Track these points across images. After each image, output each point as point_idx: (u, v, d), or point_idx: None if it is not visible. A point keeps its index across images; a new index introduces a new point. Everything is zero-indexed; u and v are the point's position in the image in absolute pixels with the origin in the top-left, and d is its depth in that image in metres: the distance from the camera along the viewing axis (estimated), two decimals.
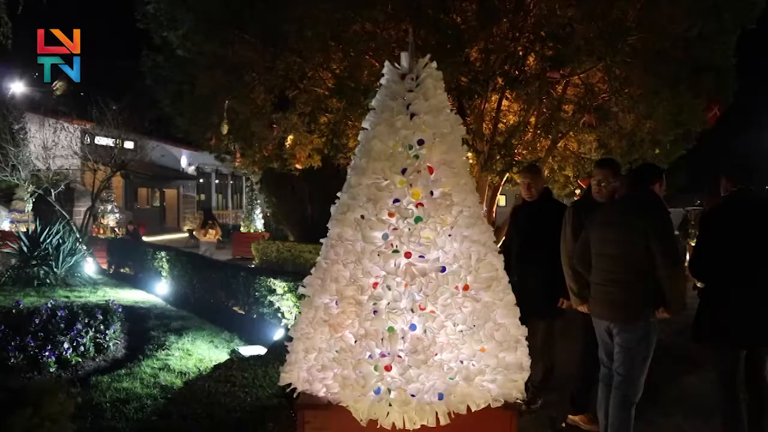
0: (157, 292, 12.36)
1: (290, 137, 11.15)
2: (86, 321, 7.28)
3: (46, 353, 6.53)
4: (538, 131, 10.15)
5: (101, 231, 19.71)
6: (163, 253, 13.19)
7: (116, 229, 20.13)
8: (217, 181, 39.25)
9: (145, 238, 20.16)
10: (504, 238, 5.37)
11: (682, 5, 8.50)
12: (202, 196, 37.69)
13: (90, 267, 14.05)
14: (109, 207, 20.98)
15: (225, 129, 10.67)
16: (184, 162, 33.88)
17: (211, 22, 9.38)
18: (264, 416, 4.96)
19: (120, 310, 8.44)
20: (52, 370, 6.46)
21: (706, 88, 9.50)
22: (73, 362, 6.71)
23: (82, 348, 6.91)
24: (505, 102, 10.05)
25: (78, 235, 14.09)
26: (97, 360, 7.01)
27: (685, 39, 8.87)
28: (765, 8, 9.40)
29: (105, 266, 16.03)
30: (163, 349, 7.56)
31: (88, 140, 19.59)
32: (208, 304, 10.74)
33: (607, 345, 4.34)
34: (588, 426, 4.90)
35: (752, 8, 9.35)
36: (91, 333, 7.13)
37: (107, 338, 7.36)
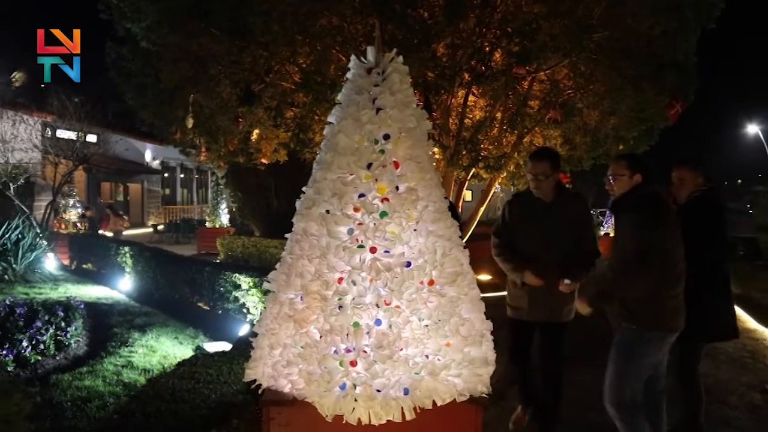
0: (121, 288, 12.19)
1: (256, 131, 11.07)
2: (46, 318, 7.13)
3: (4, 352, 6.40)
4: (504, 127, 10.23)
5: (63, 226, 19.31)
6: (126, 249, 13.01)
7: (78, 224, 19.76)
8: (182, 176, 38.73)
9: (108, 234, 19.84)
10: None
11: (645, 3, 8.63)
12: (167, 191, 37.16)
13: (51, 263, 13.77)
14: (71, 201, 20.60)
15: (190, 123, 10.54)
16: (148, 156, 33.34)
17: (176, 14, 9.24)
18: (229, 413, 4.92)
19: (82, 306, 8.29)
20: (9, 369, 6.33)
21: (668, 85, 9.66)
22: (33, 361, 6.58)
23: (41, 346, 6.78)
24: (471, 97, 10.12)
25: (38, 231, 13.82)
26: (57, 358, 6.89)
27: (649, 37, 9.02)
28: (724, 9, 9.61)
29: (67, 262, 15.74)
30: (127, 346, 7.47)
31: (49, 133, 19.17)
32: (173, 300, 10.63)
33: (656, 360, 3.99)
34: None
35: (712, 8, 9.54)
36: (51, 330, 7.00)
37: (68, 336, 7.23)
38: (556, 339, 4.49)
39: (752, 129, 35.54)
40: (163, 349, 7.58)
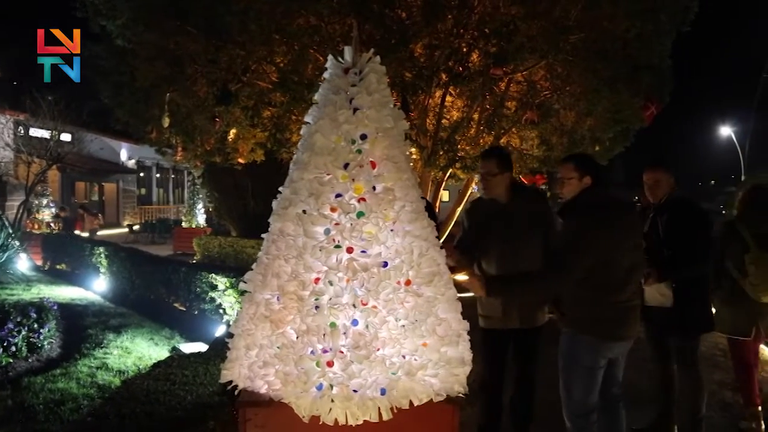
0: (95, 288, 12.05)
1: (233, 131, 10.99)
2: (18, 320, 7.03)
3: None
4: (481, 127, 10.27)
5: (36, 226, 19.06)
6: (101, 249, 12.87)
7: (52, 224, 19.52)
8: (158, 175, 38.39)
9: (84, 234, 19.62)
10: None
11: (621, 6, 8.72)
12: (143, 191, 36.82)
13: (24, 263, 13.59)
14: (45, 201, 20.36)
15: (166, 122, 10.44)
16: (123, 155, 33.00)
17: (152, 12, 9.16)
18: (205, 414, 4.88)
19: (55, 307, 8.19)
20: None
21: (644, 87, 9.78)
22: (4, 363, 6.48)
23: (13, 348, 6.68)
24: (448, 98, 10.14)
25: (10, 230, 13.58)
26: (30, 360, 6.78)
27: (624, 39, 9.11)
28: (698, 13, 9.75)
29: (40, 262, 15.53)
30: (101, 348, 7.38)
31: (22, 132, 18.91)
32: (149, 300, 10.53)
33: (599, 374, 3.68)
34: None
35: (687, 11, 9.68)
36: (23, 332, 6.89)
37: (41, 337, 7.13)
38: (532, 343, 4.36)
39: (725, 131, 36.12)
40: (139, 351, 7.51)
